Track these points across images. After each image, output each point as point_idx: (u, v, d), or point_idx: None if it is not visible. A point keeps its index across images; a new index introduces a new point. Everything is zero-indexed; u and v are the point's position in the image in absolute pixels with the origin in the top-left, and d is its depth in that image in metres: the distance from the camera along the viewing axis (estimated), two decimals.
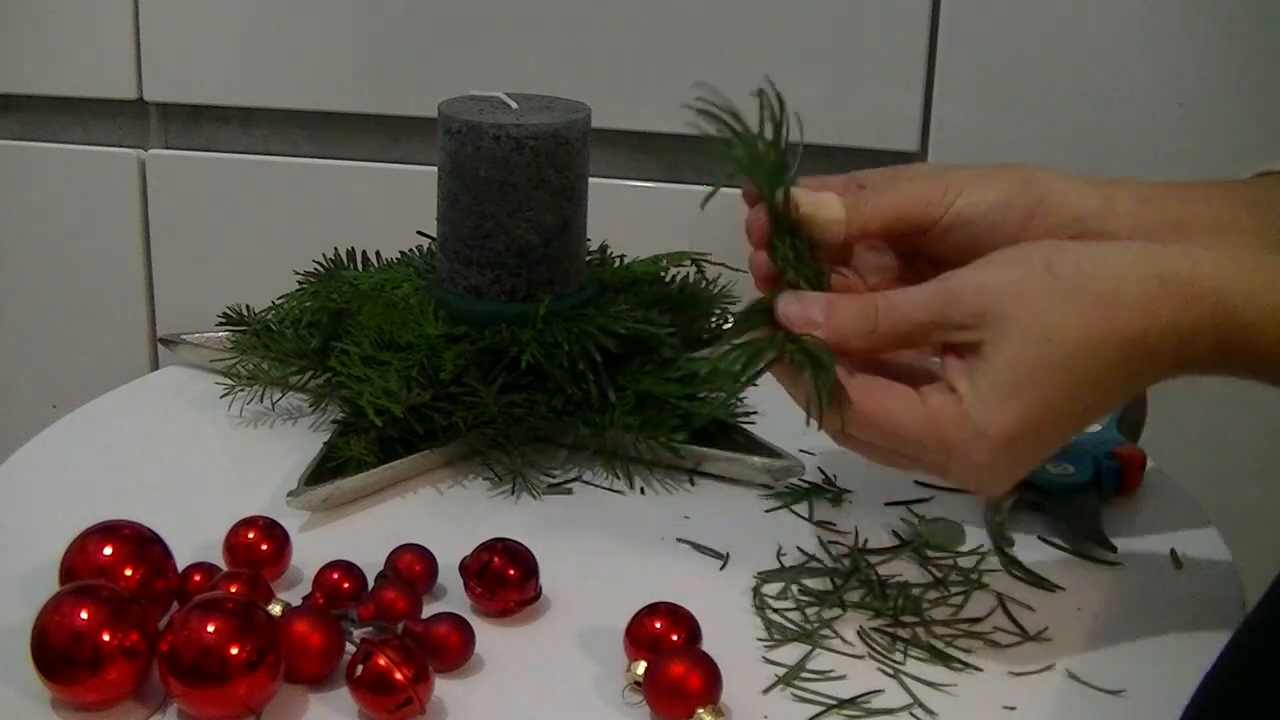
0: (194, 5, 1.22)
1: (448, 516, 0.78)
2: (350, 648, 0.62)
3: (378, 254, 0.94)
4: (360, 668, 0.60)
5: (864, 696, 0.63)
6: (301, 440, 0.84)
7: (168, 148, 1.28)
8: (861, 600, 0.70)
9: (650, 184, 1.20)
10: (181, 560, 0.68)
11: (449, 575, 0.70)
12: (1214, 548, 0.76)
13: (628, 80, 1.17)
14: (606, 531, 0.76)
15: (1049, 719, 0.63)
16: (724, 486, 0.81)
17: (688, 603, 0.65)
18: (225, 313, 0.91)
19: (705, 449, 0.81)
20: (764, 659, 0.66)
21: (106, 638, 0.59)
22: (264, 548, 0.70)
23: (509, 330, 0.82)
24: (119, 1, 1.22)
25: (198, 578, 0.67)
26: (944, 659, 0.66)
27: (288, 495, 0.75)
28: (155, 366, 1.29)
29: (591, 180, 0.87)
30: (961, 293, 0.60)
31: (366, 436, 0.79)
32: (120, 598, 0.60)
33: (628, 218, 1.14)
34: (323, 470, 0.78)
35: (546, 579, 0.69)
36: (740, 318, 0.64)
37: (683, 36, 1.15)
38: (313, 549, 0.72)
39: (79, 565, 0.65)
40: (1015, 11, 1.11)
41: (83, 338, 1.32)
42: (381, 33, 1.20)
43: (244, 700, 0.59)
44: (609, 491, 0.80)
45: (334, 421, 0.84)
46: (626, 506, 0.79)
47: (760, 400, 0.82)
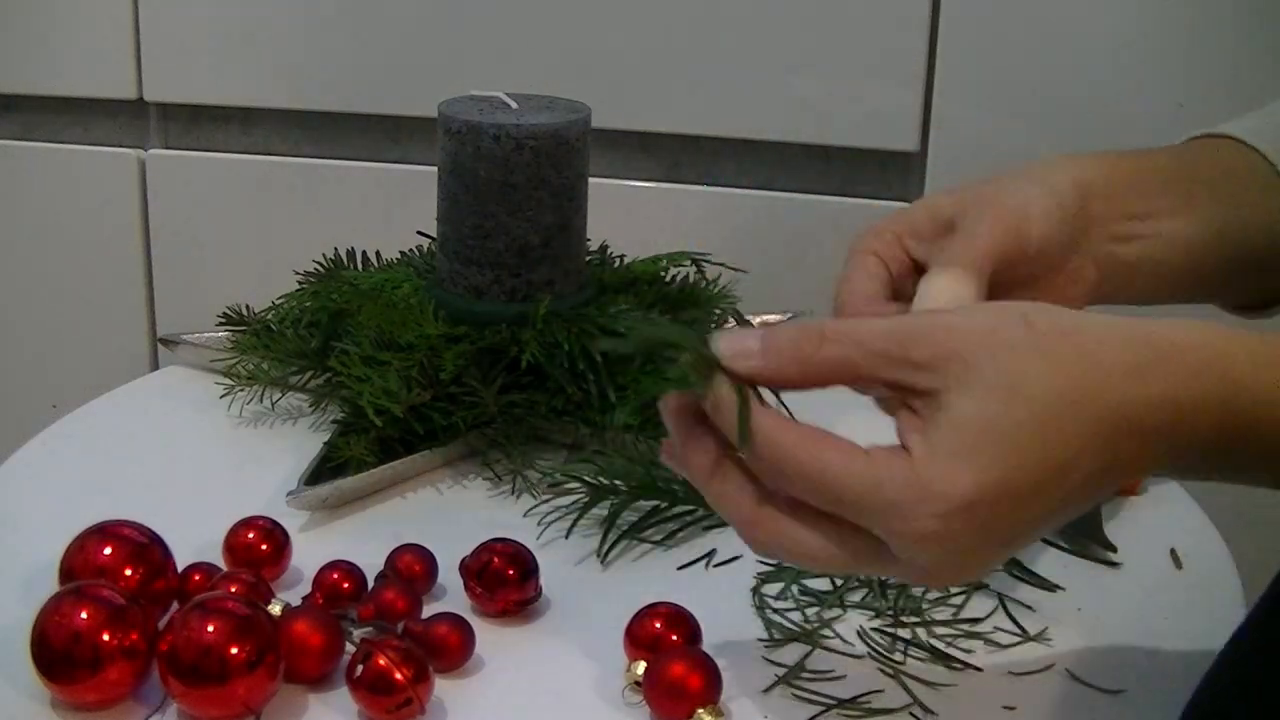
0: (194, 5, 1.21)
1: (448, 516, 0.78)
2: (350, 648, 0.62)
3: (378, 254, 0.94)
4: (360, 668, 0.60)
5: (864, 696, 0.63)
6: (301, 440, 0.84)
7: (168, 148, 1.27)
8: (861, 600, 0.70)
9: (650, 184, 1.20)
10: (181, 560, 0.68)
11: (449, 575, 0.70)
12: (1214, 548, 0.76)
13: (628, 80, 1.17)
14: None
15: (1049, 719, 0.63)
16: None
17: (688, 603, 0.65)
18: (225, 313, 0.91)
19: None
20: (764, 659, 0.66)
21: (106, 638, 0.59)
22: (264, 548, 0.70)
23: (509, 330, 0.82)
24: (119, 1, 1.22)
25: (198, 578, 0.67)
26: (944, 659, 0.66)
27: (288, 495, 0.75)
28: (155, 366, 1.29)
29: (591, 180, 0.87)
30: (928, 330, 0.52)
31: (366, 436, 0.79)
32: (120, 598, 0.60)
33: (628, 218, 1.14)
34: (323, 470, 0.78)
35: (546, 579, 0.69)
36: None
37: (683, 36, 1.15)
38: (313, 549, 0.72)
39: (79, 565, 0.65)
40: (1015, 11, 1.11)
41: (83, 338, 1.32)
42: (381, 33, 1.20)
43: (244, 700, 0.59)
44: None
45: (334, 421, 0.84)
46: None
47: None
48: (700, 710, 0.60)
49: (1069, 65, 1.11)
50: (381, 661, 0.59)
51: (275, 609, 0.64)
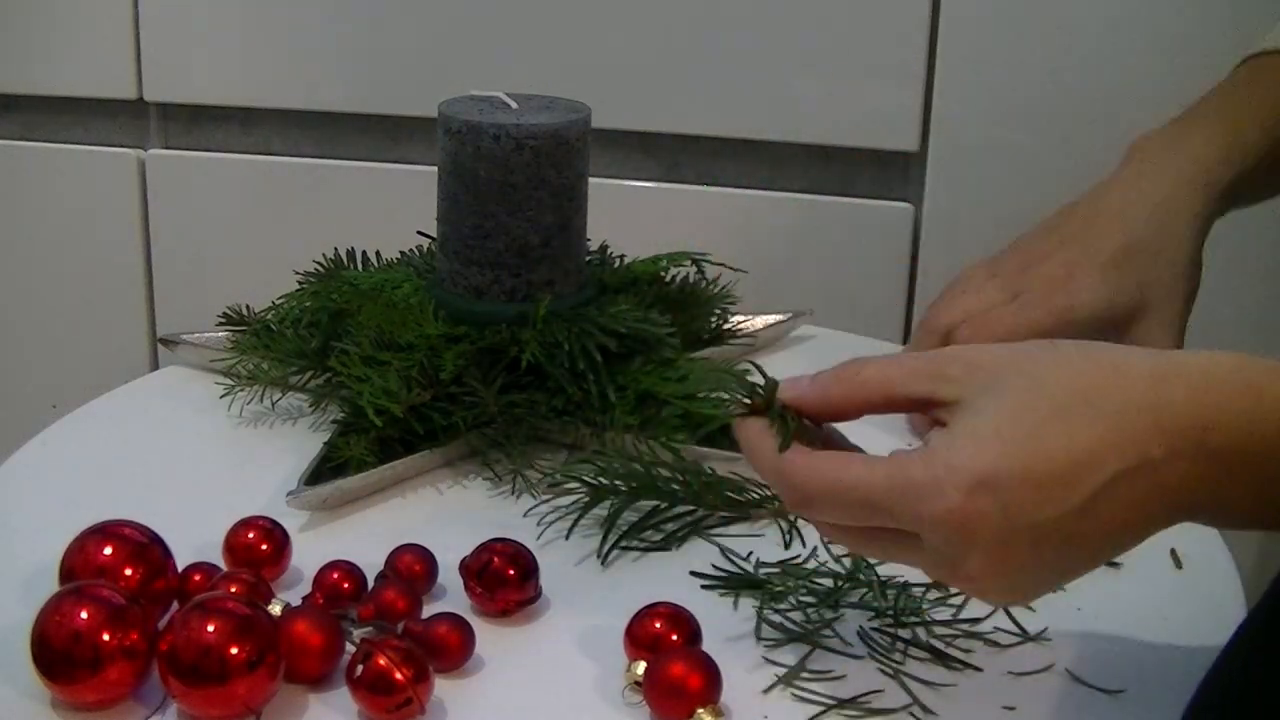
0: (194, 5, 1.22)
1: (448, 516, 0.78)
2: (350, 648, 0.62)
3: (378, 254, 0.94)
4: (360, 668, 0.60)
5: (864, 696, 0.63)
6: (301, 440, 0.84)
7: (168, 148, 1.28)
8: (861, 600, 0.70)
9: (650, 184, 1.20)
10: (181, 560, 0.68)
11: (449, 575, 0.70)
12: (1214, 548, 0.76)
13: (628, 80, 1.17)
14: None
15: (1049, 719, 0.63)
16: None
17: (688, 603, 0.65)
18: (225, 313, 0.91)
19: (705, 449, 0.81)
20: (764, 659, 0.66)
21: (106, 638, 0.59)
22: (264, 548, 0.70)
23: (509, 330, 0.82)
24: (119, 1, 1.22)
25: (198, 578, 0.67)
26: (944, 659, 0.66)
27: (288, 495, 0.75)
28: (155, 366, 1.29)
29: (591, 180, 0.87)
30: (963, 351, 0.57)
31: (366, 436, 0.79)
32: (120, 598, 0.60)
33: (628, 218, 1.14)
34: (323, 470, 0.78)
35: (546, 579, 0.69)
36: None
37: (683, 36, 1.16)
38: (313, 549, 0.72)
39: (79, 565, 0.65)
40: (1015, 11, 1.11)
41: (83, 338, 1.32)
42: (381, 33, 1.20)
43: (244, 700, 0.59)
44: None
45: (334, 421, 0.84)
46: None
47: None
48: (700, 710, 0.60)
49: (1069, 65, 1.11)
50: (381, 661, 0.59)
51: (275, 609, 0.64)
